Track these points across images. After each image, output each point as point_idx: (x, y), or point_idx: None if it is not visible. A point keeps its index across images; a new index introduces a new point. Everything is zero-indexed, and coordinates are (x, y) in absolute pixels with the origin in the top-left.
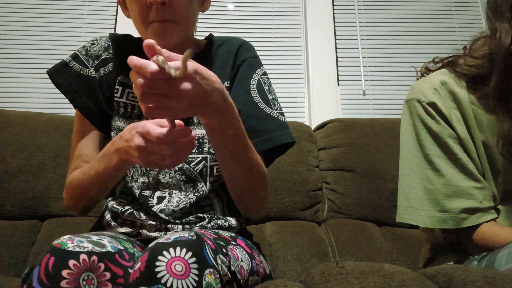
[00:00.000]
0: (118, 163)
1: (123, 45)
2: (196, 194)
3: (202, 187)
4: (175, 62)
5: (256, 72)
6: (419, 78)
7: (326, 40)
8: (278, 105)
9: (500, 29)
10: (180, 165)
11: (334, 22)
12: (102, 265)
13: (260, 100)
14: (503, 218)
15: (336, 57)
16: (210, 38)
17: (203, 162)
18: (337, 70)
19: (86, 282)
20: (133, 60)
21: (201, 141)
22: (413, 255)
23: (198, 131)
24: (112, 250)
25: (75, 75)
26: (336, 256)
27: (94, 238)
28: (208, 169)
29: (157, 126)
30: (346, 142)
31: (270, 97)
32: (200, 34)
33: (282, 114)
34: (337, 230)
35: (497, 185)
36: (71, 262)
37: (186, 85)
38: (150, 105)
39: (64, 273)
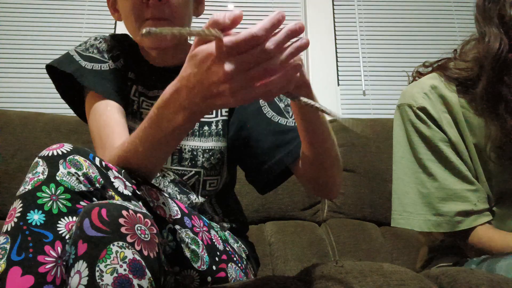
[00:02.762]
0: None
1: (126, 44)
2: (190, 204)
3: (194, 199)
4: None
5: None
6: (410, 83)
7: (326, 40)
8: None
9: (489, 33)
10: (172, 177)
11: (334, 22)
12: (149, 221)
13: (273, 114)
14: (497, 220)
15: (336, 57)
16: None
17: (196, 176)
18: (337, 70)
19: (141, 232)
20: (234, 38)
21: (195, 153)
22: (413, 255)
23: (192, 143)
24: (148, 213)
25: (99, 73)
26: (336, 256)
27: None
28: (201, 184)
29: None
30: (346, 142)
31: (282, 105)
32: None
33: None
34: (337, 230)
35: (491, 187)
36: (124, 212)
37: (305, 41)
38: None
39: (121, 220)
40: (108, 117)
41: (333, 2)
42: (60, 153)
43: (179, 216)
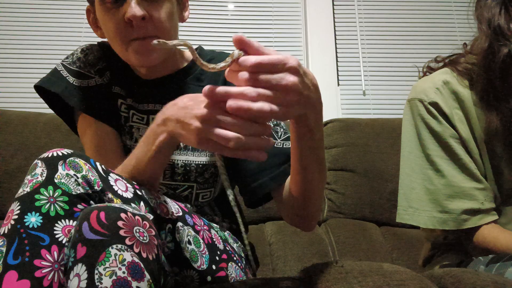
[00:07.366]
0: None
1: (114, 53)
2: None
3: (190, 206)
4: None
5: None
6: (421, 77)
7: (326, 40)
8: (282, 130)
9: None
10: (165, 191)
11: (334, 22)
12: (147, 223)
13: None
14: (505, 219)
15: (336, 57)
16: (199, 50)
17: (189, 189)
18: (337, 70)
19: (139, 234)
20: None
21: (187, 168)
22: (413, 255)
23: (184, 157)
24: (146, 215)
25: (86, 91)
26: (336, 256)
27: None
28: (194, 196)
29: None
30: (346, 142)
31: (271, 124)
32: (200, 34)
33: (287, 139)
34: (337, 230)
35: (499, 186)
36: (123, 215)
37: (293, 78)
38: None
39: (120, 223)
40: (100, 143)
41: (333, 2)
42: (61, 154)
43: (180, 214)
